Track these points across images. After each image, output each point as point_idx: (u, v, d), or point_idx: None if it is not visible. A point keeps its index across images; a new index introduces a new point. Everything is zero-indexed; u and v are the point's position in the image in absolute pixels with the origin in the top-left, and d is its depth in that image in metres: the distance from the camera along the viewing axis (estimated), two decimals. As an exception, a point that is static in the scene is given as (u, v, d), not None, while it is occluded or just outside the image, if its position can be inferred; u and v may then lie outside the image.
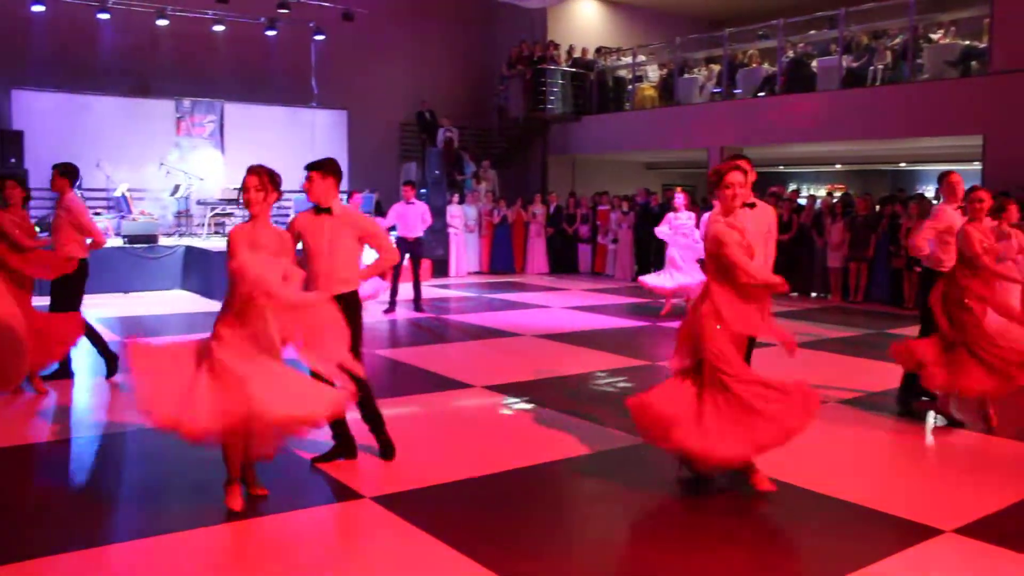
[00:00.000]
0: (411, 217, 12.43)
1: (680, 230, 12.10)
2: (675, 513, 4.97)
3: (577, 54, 21.31)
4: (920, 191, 19.98)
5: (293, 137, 19.07)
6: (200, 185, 16.75)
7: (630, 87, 20.46)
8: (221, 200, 16.72)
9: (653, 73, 20.72)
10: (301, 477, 5.40)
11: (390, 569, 4.13)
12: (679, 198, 12.40)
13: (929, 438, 6.49)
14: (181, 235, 16.43)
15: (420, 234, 12.55)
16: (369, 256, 5.79)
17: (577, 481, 5.54)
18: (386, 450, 5.63)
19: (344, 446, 5.54)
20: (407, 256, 12.27)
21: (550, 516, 4.84)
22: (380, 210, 18.53)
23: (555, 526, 4.71)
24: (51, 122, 16.29)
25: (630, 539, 4.56)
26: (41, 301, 7.44)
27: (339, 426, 5.46)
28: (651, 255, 15.61)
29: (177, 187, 16.43)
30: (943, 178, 7.11)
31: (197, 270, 14.36)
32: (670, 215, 12.31)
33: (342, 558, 4.25)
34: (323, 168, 5.38)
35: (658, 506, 5.06)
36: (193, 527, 4.52)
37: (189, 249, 15.01)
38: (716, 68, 18.89)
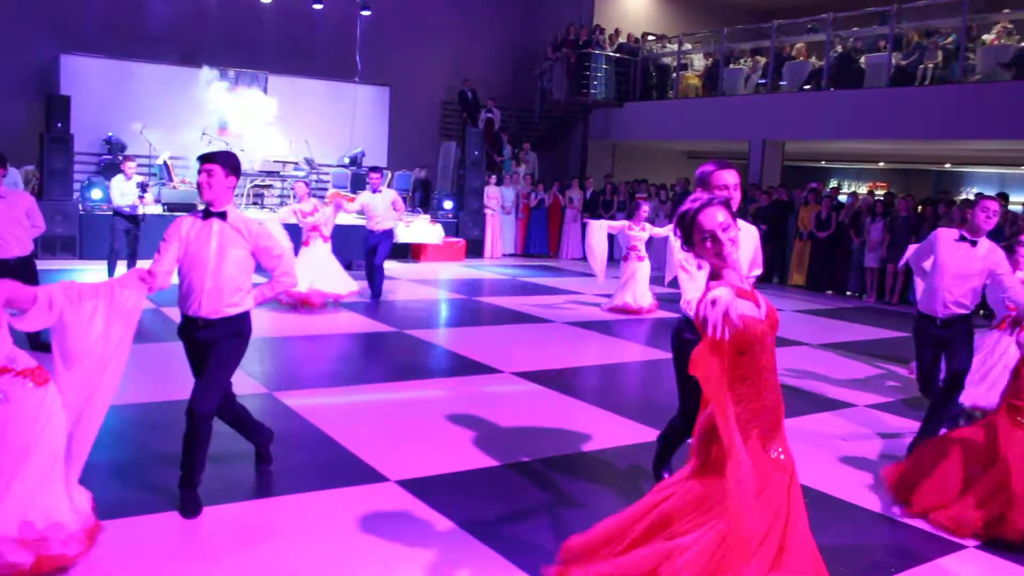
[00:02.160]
0: (378, 207, 11.26)
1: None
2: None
3: (622, 39, 21.17)
4: (964, 194, 19.71)
5: (335, 111, 19.14)
6: (241, 156, 16.86)
7: (674, 75, 20.29)
8: (261, 171, 16.83)
9: (698, 62, 20.54)
10: (328, 457, 5.46)
11: (410, 554, 4.17)
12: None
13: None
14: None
15: (389, 226, 11.40)
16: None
17: (602, 474, 5.56)
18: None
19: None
20: (375, 245, 11.25)
21: (573, 509, 4.86)
22: (428, 189, 18.60)
23: (579, 518, 4.73)
24: (97, 88, 16.47)
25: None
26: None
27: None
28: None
29: (211, 156, 16.56)
30: None
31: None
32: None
33: (363, 540, 4.30)
34: (226, 163, 4.49)
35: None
36: (213, 503, 4.60)
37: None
38: (762, 60, 18.69)
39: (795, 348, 9.78)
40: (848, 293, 14.94)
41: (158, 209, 14.60)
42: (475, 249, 17.46)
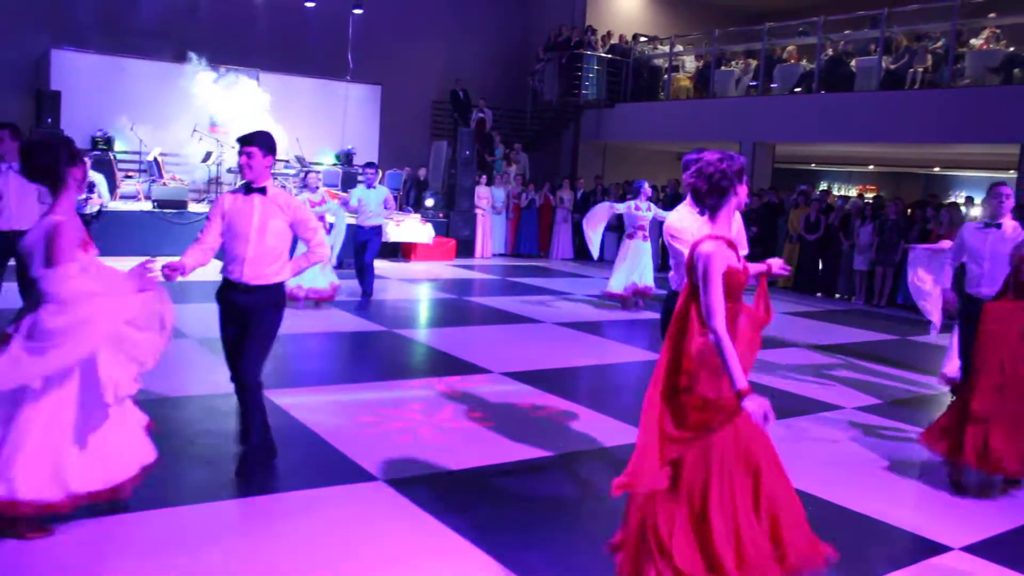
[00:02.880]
0: (371, 202, 11.31)
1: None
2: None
3: (614, 41, 21.20)
4: (953, 197, 19.80)
5: (326, 109, 19.12)
6: (231, 153, 16.84)
7: (666, 77, 20.34)
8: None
9: (690, 64, 20.59)
10: (317, 456, 5.46)
11: (397, 553, 4.18)
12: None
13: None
14: (211, 202, 16.54)
15: (379, 222, 11.54)
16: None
17: (590, 474, 5.57)
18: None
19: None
20: (365, 242, 11.36)
21: (564, 509, 4.87)
22: (423, 188, 18.58)
23: (565, 519, 4.74)
24: (88, 84, 16.41)
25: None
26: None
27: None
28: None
29: (208, 154, 16.53)
30: None
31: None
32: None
33: (351, 539, 4.31)
34: (263, 144, 4.92)
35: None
36: (203, 501, 4.61)
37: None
38: (753, 62, 18.74)
39: (784, 350, 9.81)
40: (837, 296, 14.99)
41: (148, 205, 14.57)
42: (465, 249, 17.47)
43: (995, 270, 5.98)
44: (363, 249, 11.33)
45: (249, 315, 4.90)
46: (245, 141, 4.90)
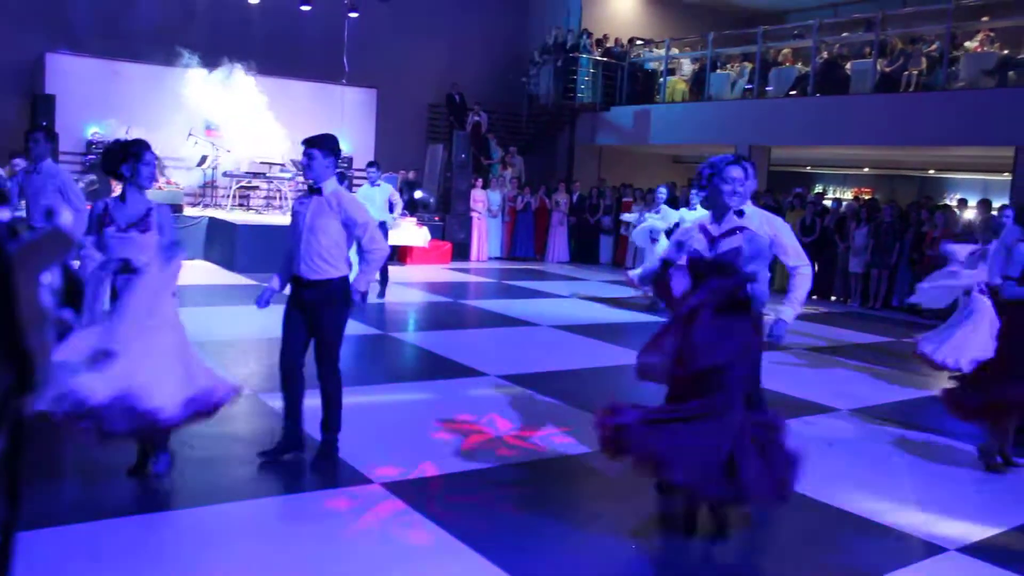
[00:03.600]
0: (376, 200, 11.57)
1: None
2: (680, 515, 4.98)
3: (610, 44, 21.23)
4: (948, 200, 19.83)
5: (322, 113, 19.10)
6: (227, 157, 16.83)
7: (661, 79, 20.36)
8: (247, 172, 16.79)
9: (685, 67, 20.62)
10: (313, 459, 5.45)
11: (392, 556, 4.18)
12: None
13: (938, 453, 6.47)
14: (205, 206, 16.54)
15: (385, 218, 11.63)
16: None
17: (586, 477, 5.58)
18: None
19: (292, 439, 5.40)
20: None
21: (557, 512, 4.87)
22: (413, 189, 18.56)
23: (561, 522, 4.74)
24: (83, 87, 16.38)
25: (635, 538, 4.59)
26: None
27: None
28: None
29: (204, 158, 16.52)
30: None
31: (220, 241, 14.47)
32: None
33: (346, 542, 4.30)
34: (324, 146, 5.25)
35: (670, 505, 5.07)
36: (197, 505, 4.60)
37: (212, 220, 15.12)
38: (749, 65, 18.77)
39: (779, 353, 9.82)
40: (833, 298, 15.01)
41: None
42: (461, 252, 17.47)
43: None
44: None
45: (311, 312, 5.24)
46: (309, 143, 5.22)
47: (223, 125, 17.18)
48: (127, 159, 4.98)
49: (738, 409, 4.26)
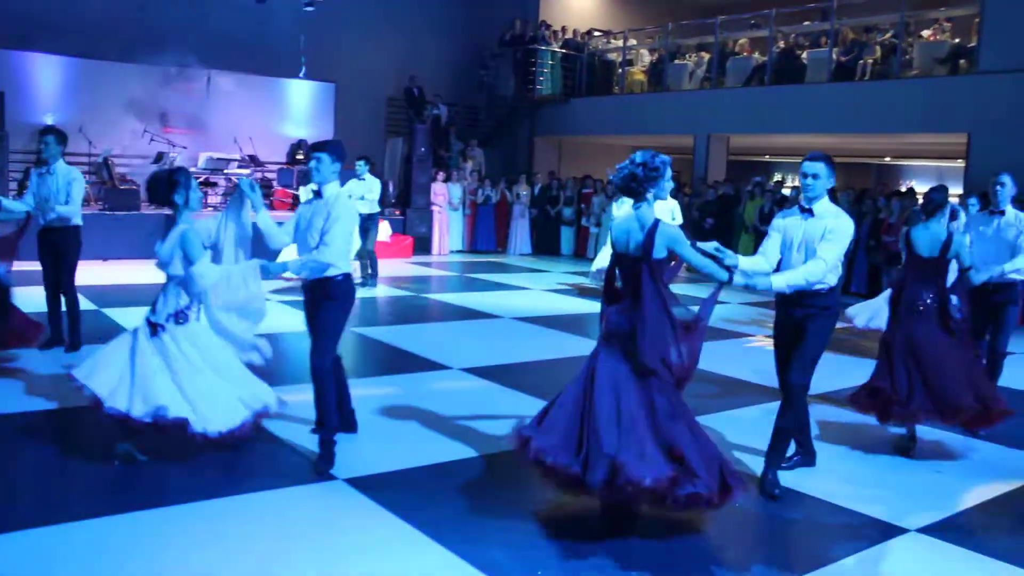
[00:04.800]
0: (364, 192, 12.20)
1: None
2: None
3: (568, 35, 21.24)
4: (904, 187, 20.10)
5: (280, 108, 18.97)
6: (183, 153, 16.63)
7: (620, 71, 20.42)
8: (204, 169, 16.60)
9: (644, 58, 20.69)
10: (276, 456, 5.41)
11: (360, 552, 4.15)
12: None
13: (895, 436, 6.54)
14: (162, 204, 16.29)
15: (372, 210, 12.31)
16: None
17: (549, 468, 5.57)
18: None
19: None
20: (364, 229, 12.00)
21: (519, 502, 4.86)
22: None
23: (522, 512, 4.73)
24: (34, 84, 16.12)
25: (599, 528, 4.59)
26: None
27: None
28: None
29: (160, 155, 16.30)
30: None
31: (178, 239, 14.27)
32: None
33: (312, 539, 4.26)
34: (332, 151, 5.36)
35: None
36: (160, 506, 4.54)
37: (169, 218, 14.91)
38: (706, 56, 18.88)
39: (740, 339, 9.90)
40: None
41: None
42: (423, 246, 17.41)
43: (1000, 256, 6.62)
44: (363, 236, 12.01)
45: (313, 307, 5.43)
46: (316, 148, 5.37)
47: (179, 121, 16.98)
48: (176, 188, 5.21)
49: None
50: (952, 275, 6.18)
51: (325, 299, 5.33)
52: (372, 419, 6.17)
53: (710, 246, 4.85)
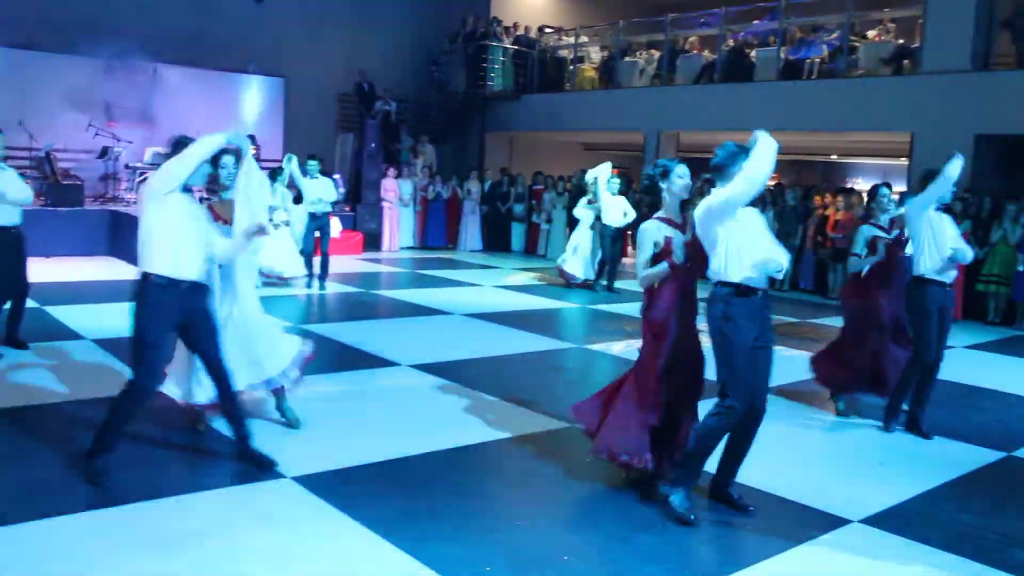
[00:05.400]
0: (316, 191, 11.99)
1: None
2: (594, 499, 5.02)
3: (519, 32, 21.24)
4: (850, 183, 20.41)
5: (229, 103, 18.72)
6: (129, 148, 16.35)
7: (571, 67, 20.47)
8: (151, 164, 16.32)
9: (594, 55, 20.76)
10: (222, 455, 5.34)
11: (308, 552, 4.11)
12: None
13: (839, 429, 6.65)
14: (107, 199, 16.05)
15: (327, 209, 12.18)
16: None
17: (501, 464, 5.57)
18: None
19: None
20: (320, 228, 12.10)
21: (467, 499, 4.85)
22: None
23: (478, 508, 4.73)
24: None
25: (550, 524, 4.60)
26: None
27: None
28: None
29: (105, 149, 16.02)
30: None
31: (123, 235, 14.03)
32: None
33: (260, 539, 4.21)
34: None
35: (579, 491, 5.10)
36: (107, 506, 4.47)
37: (115, 213, 14.70)
38: (657, 53, 19.00)
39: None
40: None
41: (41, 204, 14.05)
42: (373, 242, 17.30)
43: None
44: (319, 237, 12.12)
45: None
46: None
47: (124, 115, 16.69)
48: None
49: None
50: None
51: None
52: (321, 416, 6.12)
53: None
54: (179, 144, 4.81)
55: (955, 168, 6.15)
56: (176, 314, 4.82)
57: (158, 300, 4.73)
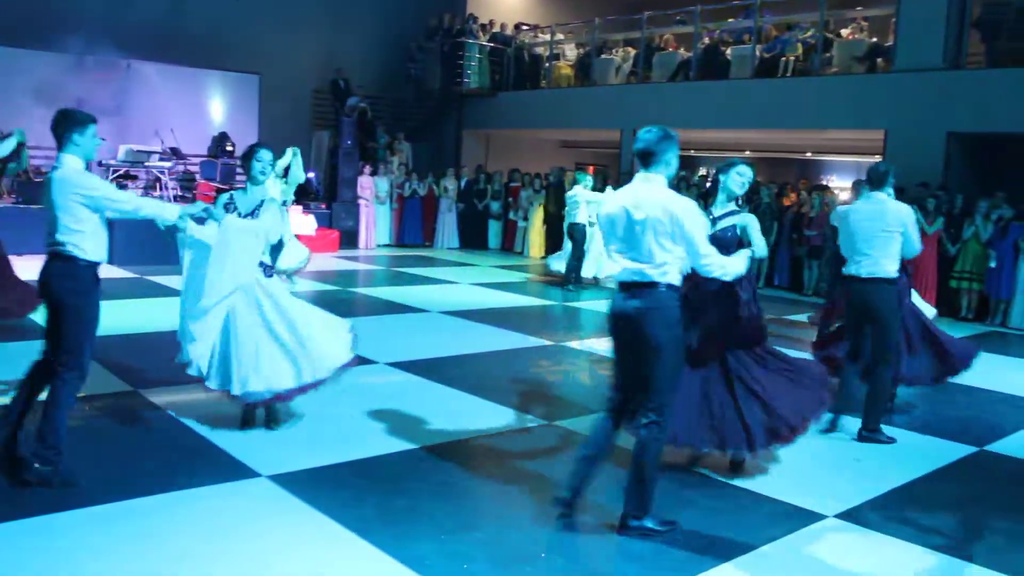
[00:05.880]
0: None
1: None
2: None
3: (496, 29, 21.22)
4: (825, 181, 20.54)
5: (204, 99, 18.59)
6: (103, 145, 16.16)
7: (547, 65, 20.48)
8: (124, 161, 16.19)
9: (570, 52, 20.77)
10: (197, 454, 5.30)
11: (284, 551, 4.09)
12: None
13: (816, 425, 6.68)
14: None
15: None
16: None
17: (479, 461, 5.57)
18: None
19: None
20: None
21: (445, 497, 4.84)
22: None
23: (453, 506, 4.72)
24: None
25: (529, 521, 4.60)
26: None
27: None
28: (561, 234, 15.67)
29: (78, 146, 15.82)
30: None
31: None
32: None
33: (233, 537, 4.19)
34: None
35: (558, 488, 5.09)
36: (79, 507, 4.42)
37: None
38: (633, 51, 19.04)
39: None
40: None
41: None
42: (349, 240, 17.23)
43: None
44: None
45: None
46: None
47: (97, 112, 16.48)
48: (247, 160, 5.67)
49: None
50: None
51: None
52: (297, 415, 6.09)
53: None
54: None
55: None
56: None
57: None
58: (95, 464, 4.96)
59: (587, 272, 13.21)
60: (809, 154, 22.87)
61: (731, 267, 4.51)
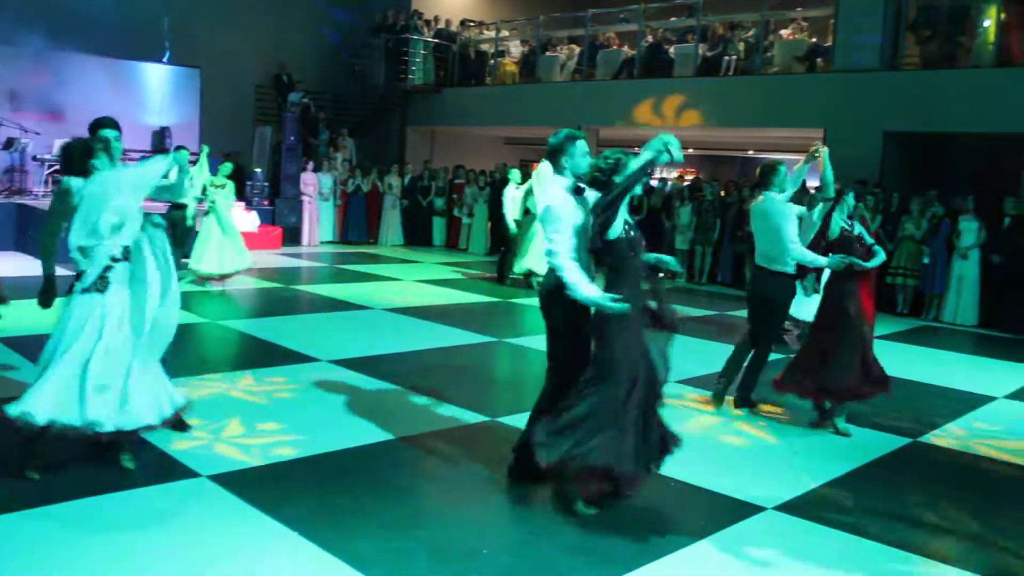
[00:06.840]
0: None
1: None
2: (516, 493, 5.02)
3: (440, 26, 21.17)
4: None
5: (143, 93, 18.26)
6: (37, 140, 15.83)
7: (492, 62, 20.48)
8: (59, 156, 15.82)
9: (515, 49, 20.80)
10: (136, 454, 5.20)
11: (224, 551, 4.04)
12: None
13: (756, 420, 6.78)
14: (14, 192, 15.52)
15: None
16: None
17: (422, 458, 5.55)
18: None
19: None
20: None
21: (387, 495, 4.82)
22: (241, 175, 17.98)
23: (397, 504, 4.70)
24: None
25: (472, 518, 4.60)
26: None
27: None
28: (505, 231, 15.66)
29: (10, 140, 15.48)
30: None
31: (32, 231, 13.59)
32: None
33: (170, 539, 4.12)
34: None
35: (501, 485, 5.10)
36: (14, 510, 4.32)
37: (22, 207, 14.22)
38: (577, 48, 19.12)
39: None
40: (660, 274, 15.44)
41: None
42: (292, 237, 17.06)
43: None
44: None
45: None
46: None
47: (31, 105, 16.16)
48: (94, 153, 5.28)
49: None
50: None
51: None
52: (238, 413, 6.02)
53: None
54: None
55: None
56: None
57: None
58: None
59: (525, 267, 12.84)
60: (751, 152, 23.19)
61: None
